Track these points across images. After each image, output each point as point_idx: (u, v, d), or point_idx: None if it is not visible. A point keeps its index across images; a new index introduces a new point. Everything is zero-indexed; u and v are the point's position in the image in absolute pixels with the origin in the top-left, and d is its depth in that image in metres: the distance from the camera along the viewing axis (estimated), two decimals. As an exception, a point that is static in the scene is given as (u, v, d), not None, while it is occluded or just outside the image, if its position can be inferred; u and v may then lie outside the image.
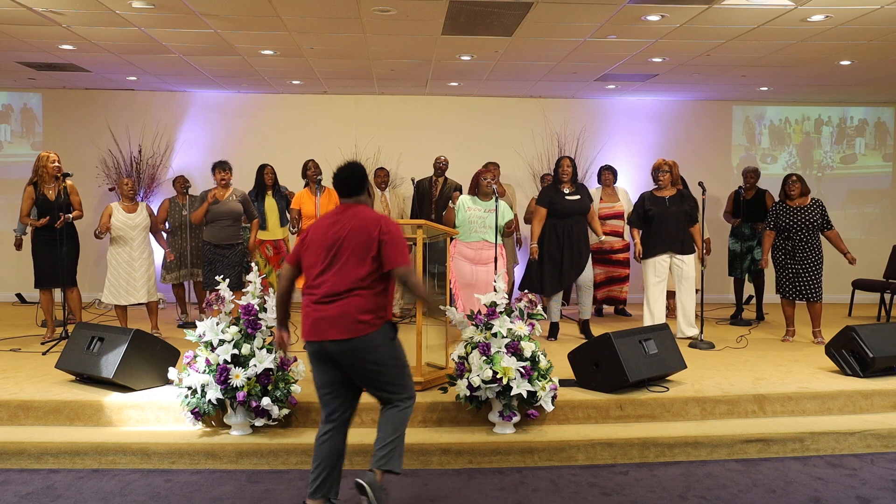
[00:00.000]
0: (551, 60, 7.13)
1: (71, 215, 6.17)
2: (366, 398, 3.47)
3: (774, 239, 6.50)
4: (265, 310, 4.36)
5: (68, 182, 6.22)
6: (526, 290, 4.65)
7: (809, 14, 5.43)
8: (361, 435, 3.98)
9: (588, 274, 6.37)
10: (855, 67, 7.23)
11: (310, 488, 3.31)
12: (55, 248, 6.15)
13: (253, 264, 4.63)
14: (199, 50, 6.78)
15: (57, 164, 6.23)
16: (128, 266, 6.34)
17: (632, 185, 8.58)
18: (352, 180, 3.36)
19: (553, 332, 6.50)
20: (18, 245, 7.15)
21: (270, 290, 4.49)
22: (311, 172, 6.59)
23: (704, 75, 7.75)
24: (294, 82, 8.38)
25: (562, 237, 6.30)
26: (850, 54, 6.71)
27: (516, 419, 4.31)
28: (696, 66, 7.27)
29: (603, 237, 6.72)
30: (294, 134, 9.05)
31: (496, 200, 5.65)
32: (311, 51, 6.74)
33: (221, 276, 4.58)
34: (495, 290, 4.41)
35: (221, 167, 6.42)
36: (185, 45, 6.58)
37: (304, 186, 6.83)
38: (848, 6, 5.24)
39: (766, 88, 8.54)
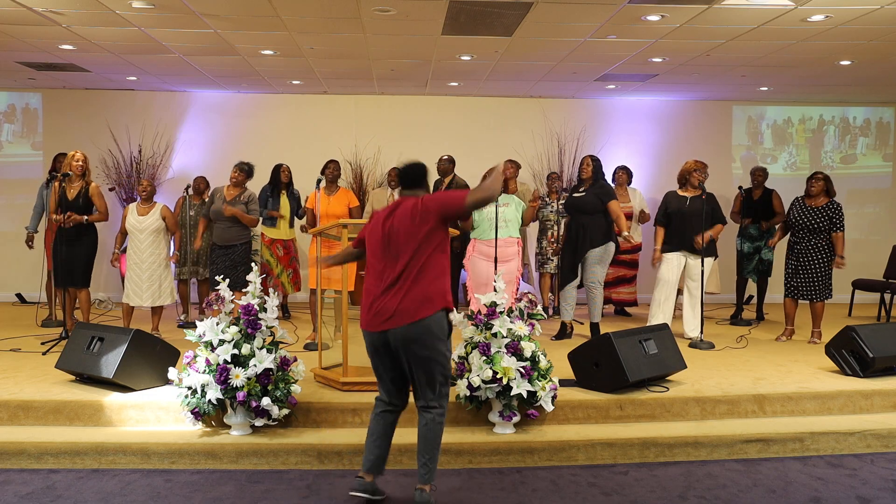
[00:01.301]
0: (551, 60, 7.13)
1: (85, 217, 6.16)
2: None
3: (786, 230, 6.54)
4: (265, 310, 4.36)
5: (93, 185, 6.28)
6: (527, 291, 4.64)
7: (809, 14, 5.43)
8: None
9: (593, 276, 6.30)
10: (855, 67, 7.24)
11: (368, 463, 3.55)
12: (74, 247, 6.16)
13: (254, 264, 4.63)
14: (199, 50, 6.78)
15: (81, 163, 6.23)
16: (136, 268, 6.34)
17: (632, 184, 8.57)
18: (409, 175, 3.63)
19: (562, 333, 6.47)
20: (29, 241, 7.16)
21: (271, 290, 4.48)
22: (328, 172, 6.58)
23: (704, 75, 7.75)
24: (294, 82, 8.39)
25: (567, 235, 6.39)
26: (850, 54, 6.71)
27: (516, 419, 4.31)
28: (696, 66, 7.27)
29: (626, 234, 6.47)
30: (294, 134, 9.05)
31: (497, 199, 5.65)
32: (311, 51, 6.74)
33: (222, 276, 4.58)
34: (495, 290, 4.41)
35: (239, 167, 6.47)
36: (185, 45, 6.59)
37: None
38: (848, 6, 5.24)
39: (766, 88, 8.55)
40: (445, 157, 7.50)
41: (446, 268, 3.48)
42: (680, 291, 6.55)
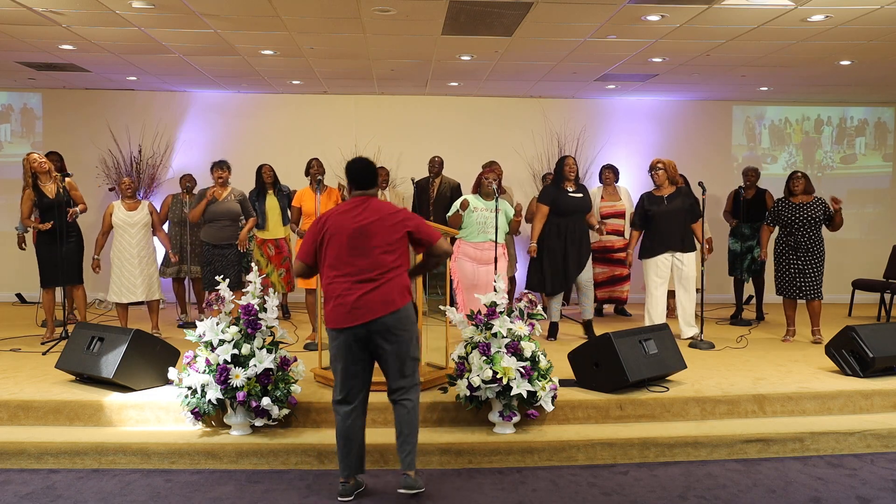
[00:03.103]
0: (551, 60, 7.13)
1: (78, 209, 6.19)
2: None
3: (778, 236, 6.50)
4: (265, 310, 4.36)
5: (67, 180, 6.25)
6: (527, 291, 4.64)
7: (809, 14, 5.43)
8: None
9: (588, 274, 6.37)
10: (855, 67, 7.23)
11: (349, 469, 3.63)
12: (62, 245, 6.14)
13: (253, 264, 4.63)
14: (199, 50, 6.78)
15: (38, 163, 6.21)
16: (128, 264, 6.35)
17: (632, 184, 8.57)
18: (369, 174, 3.69)
19: (552, 331, 6.50)
20: (21, 242, 7.14)
21: (270, 290, 4.48)
22: (313, 171, 6.60)
23: (704, 75, 7.75)
24: (294, 82, 8.38)
25: (564, 235, 6.31)
26: (850, 54, 6.71)
27: (516, 419, 4.31)
28: (696, 66, 7.27)
29: (604, 235, 6.60)
30: (294, 134, 9.05)
31: (496, 200, 5.66)
32: (311, 51, 6.74)
33: (221, 276, 4.58)
34: (495, 290, 4.41)
35: (220, 166, 6.47)
36: (185, 45, 6.58)
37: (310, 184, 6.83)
38: (848, 6, 5.24)
39: (766, 88, 8.54)
40: (437, 158, 7.59)
41: (408, 265, 3.71)
42: (672, 294, 6.57)
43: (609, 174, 7.85)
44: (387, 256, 3.54)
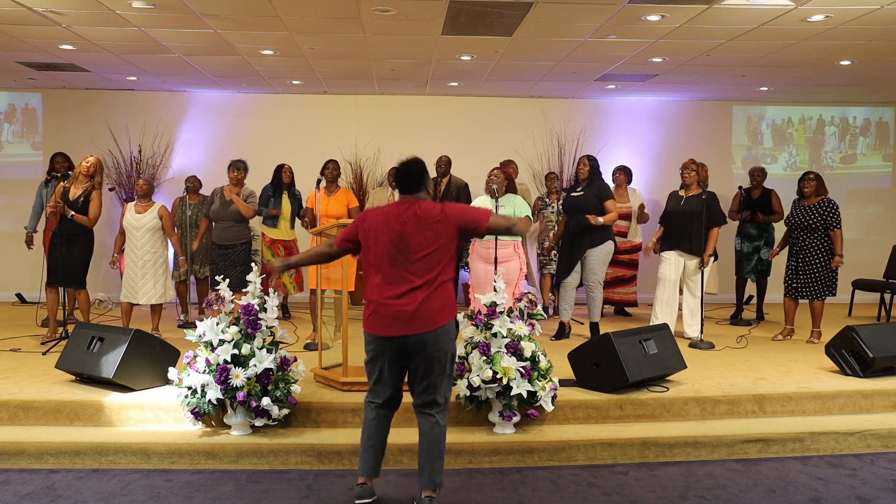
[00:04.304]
0: (551, 60, 7.13)
1: (72, 211, 6.04)
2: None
3: (788, 235, 6.57)
4: (265, 310, 4.35)
5: (96, 191, 6.20)
6: (527, 291, 4.64)
7: (809, 14, 5.43)
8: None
9: (594, 276, 6.31)
10: (855, 67, 7.24)
11: (367, 469, 3.55)
12: (69, 247, 6.11)
13: (254, 264, 4.63)
14: (199, 50, 6.79)
15: (87, 164, 6.17)
16: (133, 265, 6.33)
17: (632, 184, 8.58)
18: (411, 176, 3.51)
19: (561, 333, 6.49)
20: (29, 241, 7.12)
21: (271, 290, 4.48)
22: (326, 172, 6.57)
23: (704, 75, 7.75)
24: (294, 82, 8.39)
25: (566, 233, 6.43)
26: (850, 54, 6.72)
27: (516, 419, 4.31)
28: (696, 66, 7.27)
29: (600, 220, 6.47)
30: (294, 134, 9.05)
31: (496, 199, 5.66)
32: (311, 51, 6.74)
33: (221, 276, 4.58)
34: (495, 290, 4.41)
35: (234, 166, 6.50)
36: (185, 45, 6.59)
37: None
38: (848, 6, 5.25)
39: (766, 88, 8.55)
40: (444, 157, 7.55)
41: (453, 275, 3.54)
42: (681, 291, 6.55)
43: (621, 175, 7.88)
44: (428, 265, 3.34)
